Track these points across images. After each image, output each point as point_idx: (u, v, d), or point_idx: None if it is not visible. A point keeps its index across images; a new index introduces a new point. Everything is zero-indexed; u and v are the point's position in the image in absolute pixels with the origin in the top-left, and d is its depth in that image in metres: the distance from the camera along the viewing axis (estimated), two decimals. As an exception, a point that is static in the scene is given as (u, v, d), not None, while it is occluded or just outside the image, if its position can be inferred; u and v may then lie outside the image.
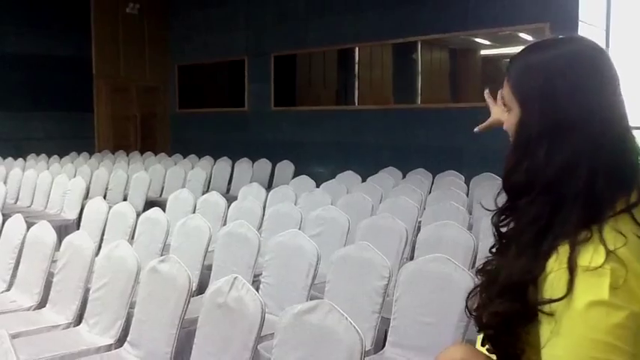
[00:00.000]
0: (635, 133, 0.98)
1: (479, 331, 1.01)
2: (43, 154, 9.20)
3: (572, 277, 0.88)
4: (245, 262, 3.37)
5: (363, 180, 6.05)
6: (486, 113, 1.41)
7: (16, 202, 6.98)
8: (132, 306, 2.87)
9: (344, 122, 8.82)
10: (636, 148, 0.96)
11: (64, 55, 10.63)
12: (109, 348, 2.80)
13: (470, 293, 1.04)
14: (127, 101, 11.59)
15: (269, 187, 6.68)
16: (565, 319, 0.88)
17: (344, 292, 2.85)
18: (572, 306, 0.87)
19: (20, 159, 8.82)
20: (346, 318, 1.84)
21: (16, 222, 3.90)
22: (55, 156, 9.07)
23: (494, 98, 1.42)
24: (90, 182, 6.99)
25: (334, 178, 6.16)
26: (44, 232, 3.62)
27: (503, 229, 1.03)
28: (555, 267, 0.90)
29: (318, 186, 5.65)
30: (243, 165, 8.20)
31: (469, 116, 1.21)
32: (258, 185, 5.56)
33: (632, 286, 0.87)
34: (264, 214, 4.52)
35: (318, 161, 8.52)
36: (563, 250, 0.91)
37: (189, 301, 2.55)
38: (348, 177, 6.24)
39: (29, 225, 3.82)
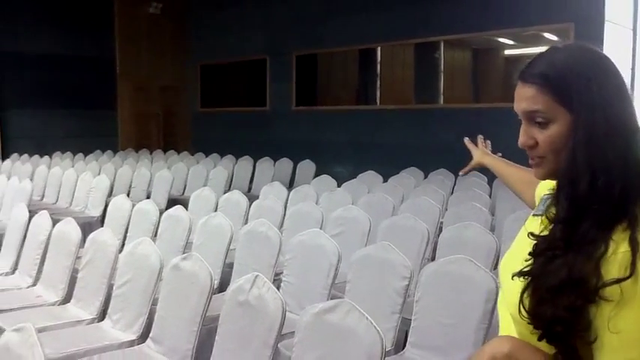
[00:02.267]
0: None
1: (540, 330, 1.00)
2: (68, 152, 9.34)
3: (635, 257, 0.92)
4: (266, 260, 3.39)
5: (385, 180, 6.03)
6: (508, 114, 1.42)
7: (42, 199, 7.10)
8: (154, 302, 2.90)
9: (365, 122, 8.81)
10: None
11: (87, 55, 10.78)
12: (131, 344, 2.84)
13: (522, 294, 1.03)
14: (150, 100, 11.71)
15: (290, 186, 6.70)
16: (629, 295, 0.91)
17: (364, 292, 2.85)
18: (635, 284, 0.91)
19: (46, 156, 8.97)
20: (367, 318, 1.84)
21: (42, 219, 3.97)
22: (80, 154, 9.20)
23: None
24: (114, 180, 7.08)
25: (355, 177, 6.16)
26: (69, 228, 3.68)
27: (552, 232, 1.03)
28: (615, 249, 0.94)
29: (339, 186, 5.66)
30: (265, 164, 8.24)
31: (492, 116, 1.21)
32: (279, 184, 5.58)
33: None
34: (285, 214, 4.54)
35: (339, 161, 8.52)
36: (620, 231, 0.94)
37: (210, 299, 2.57)
38: (369, 177, 6.24)
39: (55, 222, 3.89)
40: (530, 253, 1.04)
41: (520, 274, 1.03)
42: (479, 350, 1.08)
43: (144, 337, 2.85)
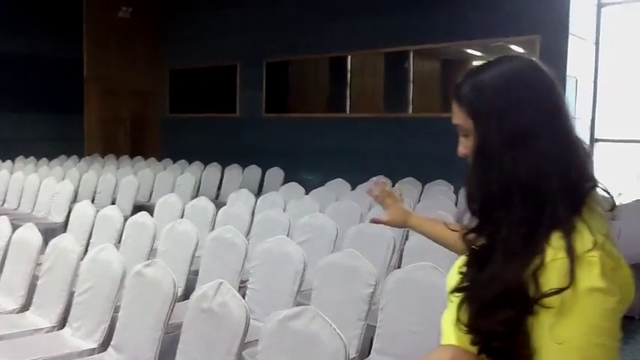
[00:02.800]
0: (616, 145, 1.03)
1: (479, 344, 1.00)
2: (32, 157, 9.14)
3: (573, 265, 0.92)
4: (232, 267, 3.36)
5: (353, 188, 6.04)
6: None
7: (2, 205, 6.93)
8: (116, 310, 2.84)
9: (335, 130, 8.83)
10: (586, 149, 1.07)
11: (54, 57, 10.56)
12: (92, 352, 2.77)
13: (458, 308, 1.03)
14: (118, 104, 11.53)
15: (258, 193, 6.66)
16: (570, 303, 0.91)
17: (330, 300, 2.84)
18: (574, 292, 0.91)
19: (8, 161, 8.76)
20: (330, 325, 1.83)
21: (2, 224, 3.87)
22: (44, 159, 9.01)
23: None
24: (78, 186, 6.95)
25: (324, 185, 6.16)
26: (30, 234, 3.59)
27: (478, 244, 1.06)
28: (552, 256, 0.94)
29: (307, 193, 5.64)
30: (233, 171, 8.19)
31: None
32: (247, 191, 5.55)
33: (613, 272, 0.94)
34: (252, 221, 4.51)
35: (309, 168, 8.51)
36: (557, 240, 0.95)
37: (173, 306, 2.53)
38: (338, 185, 6.25)
39: (15, 227, 3.79)
40: (465, 264, 1.07)
41: (455, 290, 1.06)
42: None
43: (105, 345, 2.78)
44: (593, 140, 7.32)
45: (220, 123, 10.54)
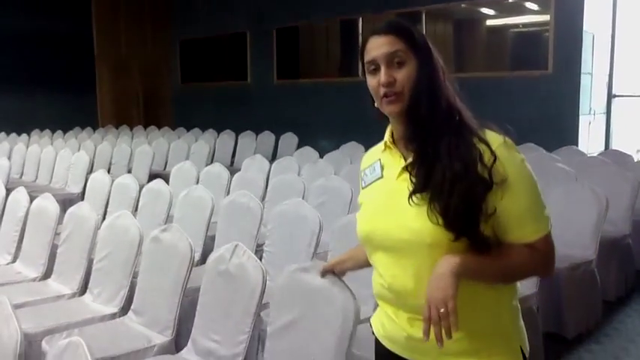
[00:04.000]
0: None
1: (455, 230, 1.21)
2: (47, 130, 9.19)
3: (490, 148, 1.23)
4: (248, 231, 3.37)
5: (366, 150, 6.00)
6: (491, 84, 1.57)
7: (20, 177, 7.00)
8: (135, 275, 2.88)
9: (348, 94, 8.71)
10: None
11: (64, 34, 10.54)
12: (113, 316, 2.82)
13: (429, 205, 1.24)
14: (129, 78, 11.52)
15: (273, 159, 6.66)
16: (505, 177, 1.22)
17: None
18: (512, 166, 1.24)
19: (24, 135, 8.82)
20: (340, 279, 1.81)
21: (20, 195, 3.91)
22: (59, 131, 9.06)
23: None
24: (93, 157, 6.99)
25: (338, 149, 6.13)
26: (47, 204, 3.62)
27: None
28: (484, 149, 1.23)
29: (321, 157, 5.63)
30: (247, 138, 8.18)
31: (475, 86, 1.20)
32: (261, 157, 5.55)
33: None
34: (267, 185, 4.51)
35: (322, 133, 8.47)
36: (479, 141, 1.24)
37: (191, 269, 2.56)
38: (352, 148, 6.21)
39: (33, 198, 3.83)
40: (413, 178, 1.27)
41: (414, 192, 1.25)
42: (435, 276, 1.20)
43: (125, 309, 2.83)
44: (610, 96, 7.18)
45: (232, 92, 10.49)
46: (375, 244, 1.36)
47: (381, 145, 1.43)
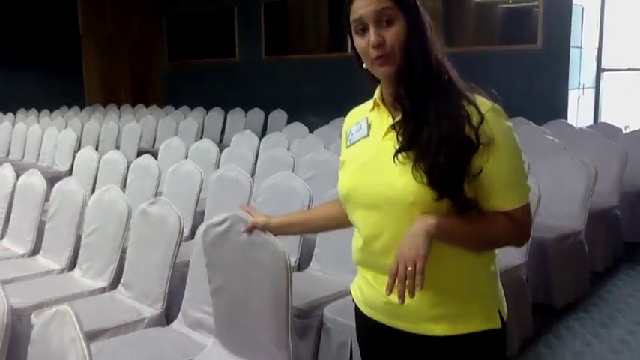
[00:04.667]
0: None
1: (439, 182, 1.20)
2: (33, 109, 9.08)
3: (478, 108, 1.22)
4: (237, 205, 3.34)
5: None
6: (481, 59, 1.53)
7: (7, 156, 6.93)
8: (124, 250, 2.86)
9: (337, 70, 8.65)
10: None
11: (49, 11, 10.35)
12: (102, 290, 2.81)
13: (414, 164, 1.23)
14: (116, 57, 11.36)
15: (262, 135, 6.62)
16: (498, 141, 1.22)
17: (337, 234, 2.84)
18: (490, 129, 1.21)
19: (10, 114, 8.71)
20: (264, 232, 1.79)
21: (6, 171, 3.87)
22: (45, 110, 8.95)
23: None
24: (81, 135, 6.92)
25: (328, 124, 6.10)
26: (34, 180, 3.59)
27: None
28: (471, 110, 1.22)
29: (311, 132, 5.60)
30: (236, 115, 8.13)
31: (463, 61, 1.18)
32: (250, 133, 5.51)
33: None
34: (256, 161, 4.49)
35: (312, 110, 8.42)
36: (467, 103, 1.23)
37: (180, 242, 2.54)
38: (342, 123, 6.15)
39: (19, 176, 3.79)
40: (399, 137, 1.26)
41: (400, 150, 1.24)
42: (409, 234, 1.20)
43: (115, 284, 2.82)
44: (600, 70, 7.18)
45: (220, 69, 10.38)
46: (356, 202, 1.35)
47: (369, 104, 1.41)
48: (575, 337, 3.18)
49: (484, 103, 1.25)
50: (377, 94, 1.38)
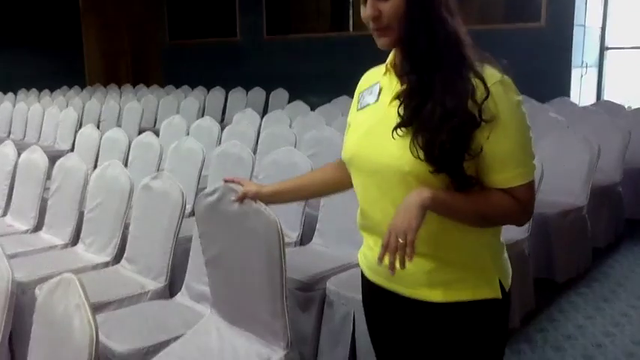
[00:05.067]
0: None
1: (438, 159, 1.18)
2: (34, 89, 9.04)
3: (484, 84, 1.18)
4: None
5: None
6: (484, 36, 1.51)
7: (8, 136, 6.92)
8: (127, 225, 2.86)
9: (339, 50, 8.63)
10: None
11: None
12: (106, 265, 2.82)
13: (412, 139, 1.20)
14: (116, 36, 11.27)
15: (264, 114, 6.60)
16: (494, 115, 1.18)
17: (339, 207, 2.84)
18: (496, 104, 1.18)
19: (10, 93, 8.68)
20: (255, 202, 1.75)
21: (7, 149, 3.86)
22: (46, 90, 8.91)
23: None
24: (82, 115, 6.89)
25: (330, 102, 6.08)
26: (36, 156, 3.58)
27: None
28: (481, 93, 1.18)
29: (313, 110, 5.58)
30: (237, 94, 8.09)
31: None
32: (252, 111, 5.50)
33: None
34: (258, 139, 4.47)
35: (313, 90, 8.37)
36: (473, 75, 1.19)
37: (183, 215, 2.54)
38: (344, 102, 6.15)
39: (21, 153, 3.78)
40: (400, 110, 1.23)
41: (401, 124, 1.21)
42: (403, 205, 1.19)
43: (118, 258, 2.82)
44: (603, 48, 7.13)
45: (221, 48, 10.30)
46: (358, 167, 1.35)
47: (382, 67, 1.38)
48: (577, 310, 3.20)
49: (493, 75, 1.21)
50: (389, 58, 1.36)
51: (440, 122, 1.17)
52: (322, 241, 2.96)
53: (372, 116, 1.34)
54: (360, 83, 1.47)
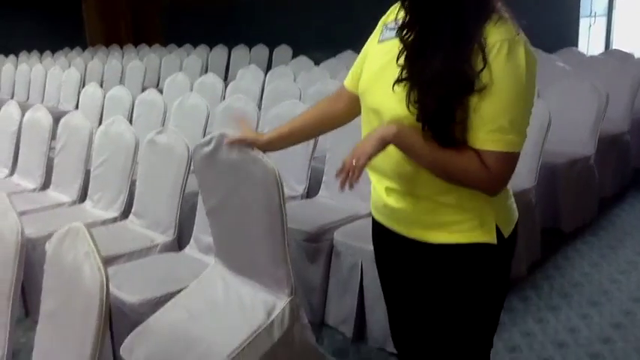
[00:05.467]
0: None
1: (426, 120, 1.17)
2: (35, 51, 8.96)
3: (484, 52, 1.12)
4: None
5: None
6: None
7: (11, 98, 6.88)
8: (133, 183, 2.87)
9: (342, 4, 8.48)
10: None
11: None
12: (114, 220, 2.84)
13: (408, 95, 1.19)
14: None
15: (267, 70, 6.54)
16: (486, 83, 1.12)
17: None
18: (491, 72, 1.12)
19: (11, 55, 8.61)
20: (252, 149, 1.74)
21: (11, 108, 3.85)
22: (47, 51, 8.84)
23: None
24: (84, 75, 6.85)
25: (335, 57, 6.00)
26: (40, 115, 3.58)
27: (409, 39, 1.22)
28: (480, 59, 1.12)
29: (317, 65, 5.52)
30: (240, 51, 7.99)
31: None
32: (255, 67, 5.44)
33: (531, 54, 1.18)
34: (262, 94, 4.44)
35: (316, 45, 8.26)
36: (490, 28, 1.14)
37: (189, 169, 2.54)
38: (349, 56, 6.07)
39: (24, 113, 3.77)
40: (405, 62, 1.21)
41: (397, 81, 1.20)
42: (369, 134, 1.22)
43: (126, 214, 2.84)
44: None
45: (222, 4, 10.14)
46: (366, 103, 1.37)
47: None
48: (583, 259, 3.21)
49: (504, 31, 1.14)
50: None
51: (429, 84, 1.15)
52: (328, 193, 2.96)
53: (388, 53, 1.29)
54: (387, 13, 1.40)
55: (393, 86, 1.22)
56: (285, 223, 1.79)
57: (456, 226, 1.28)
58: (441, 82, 1.13)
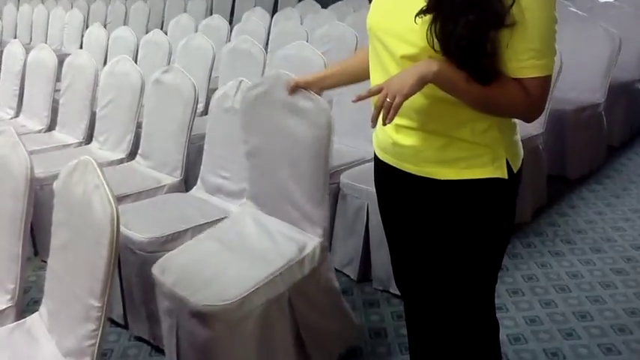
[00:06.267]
0: None
1: (456, 52, 1.14)
2: (36, -8, 8.78)
3: None
4: (250, 78, 3.28)
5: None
6: None
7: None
8: (139, 124, 2.86)
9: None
10: None
11: None
12: (121, 161, 2.84)
13: (431, 25, 1.14)
14: None
15: (273, 14, 6.41)
16: (529, 16, 1.12)
17: (351, 105, 2.80)
18: (520, 7, 1.10)
19: (13, -4, 8.44)
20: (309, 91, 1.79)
21: (15, 47, 3.80)
22: (49, -8, 8.66)
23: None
24: (87, 17, 6.73)
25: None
26: (44, 54, 3.54)
27: None
28: None
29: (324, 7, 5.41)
30: (246, -7, 7.81)
31: None
32: (261, 9, 5.33)
33: None
34: (268, 37, 4.37)
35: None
36: None
37: (195, 108, 2.53)
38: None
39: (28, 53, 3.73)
40: None
41: (424, 11, 1.15)
42: (406, 70, 1.17)
43: (133, 155, 2.84)
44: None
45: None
46: (376, 37, 1.32)
47: None
48: (588, 206, 3.22)
49: None
50: None
51: (459, 12, 1.11)
52: (336, 137, 2.93)
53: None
54: None
55: (415, 17, 1.17)
56: (328, 163, 1.82)
57: (469, 161, 1.28)
58: (473, 10, 1.10)
